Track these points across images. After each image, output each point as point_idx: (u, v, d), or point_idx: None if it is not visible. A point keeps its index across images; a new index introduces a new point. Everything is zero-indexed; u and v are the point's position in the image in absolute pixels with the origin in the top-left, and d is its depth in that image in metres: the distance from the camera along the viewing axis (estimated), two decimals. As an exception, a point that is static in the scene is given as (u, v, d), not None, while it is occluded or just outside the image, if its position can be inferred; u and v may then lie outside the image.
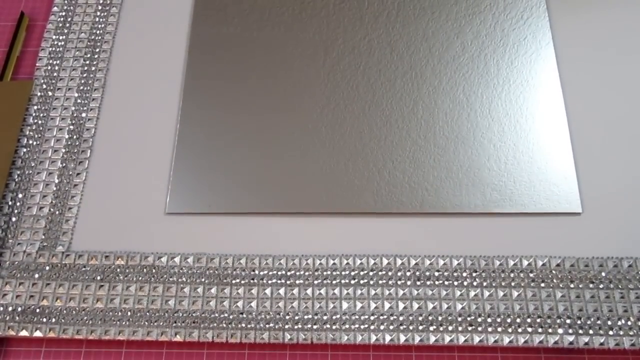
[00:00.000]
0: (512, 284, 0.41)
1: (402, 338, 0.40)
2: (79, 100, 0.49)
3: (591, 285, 0.40)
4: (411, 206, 0.44)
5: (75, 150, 0.47)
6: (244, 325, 0.40)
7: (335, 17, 0.52)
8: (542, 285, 0.40)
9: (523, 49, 0.49)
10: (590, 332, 0.39)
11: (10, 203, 0.45)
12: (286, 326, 0.40)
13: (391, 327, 0.40)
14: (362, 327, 0.40)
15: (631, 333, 0.39)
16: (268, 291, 0.41)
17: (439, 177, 0.45)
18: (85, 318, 0.41)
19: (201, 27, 0.52)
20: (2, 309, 0.41)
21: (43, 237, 0.44)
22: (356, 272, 0.42)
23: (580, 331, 0.39)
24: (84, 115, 0.48)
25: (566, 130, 0.46)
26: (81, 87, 0.49)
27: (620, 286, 0.40)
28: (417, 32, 0.51)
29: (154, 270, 0.42)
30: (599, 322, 0.39)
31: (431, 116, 0.47)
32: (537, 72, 0.48)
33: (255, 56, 0.50)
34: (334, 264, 0.42)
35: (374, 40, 0.50)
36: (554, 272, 0.41)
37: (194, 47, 0.51)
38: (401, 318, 0.40)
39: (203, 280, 0.42)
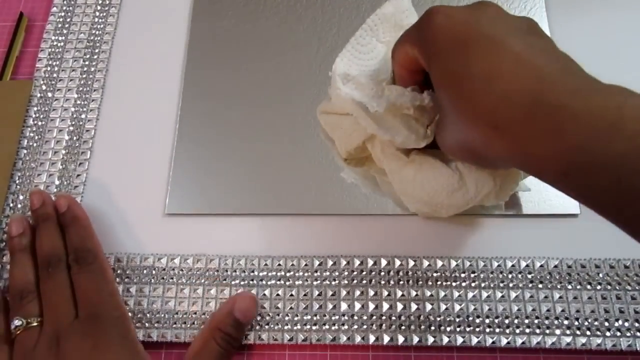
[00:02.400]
0: (510, 285, 0.41)
1: (401, 339, 0.40)
2: (78, 101, 0.49)
3: (589, 287, 0.40)
4: (406, 210, 0.44)
5: (75, 152, 0.47)
6: (243, 326, 0.40)
7: (331, 8, 0.51)
8: (540, 286, 0.41)
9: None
10: (588, 333, 0.39)
11: (11, 205, 0.45)
12: (285, 327, 0.41)
13: (390, 328, 0.40)
14: (361, 327, 0.40)
15: (628, 334, 0.39)
16: (267, 292, 0.42)
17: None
18: (86, 319, 0.41)
19: (200, 28, 0.51)
20: (4, 310, 0.42)
21: (44, 238, 0.44)
22: (355, 272, 0.42)
23: (578, 332, 0.39)
24: (83, 116, 0.48)
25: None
26: (81, 88, 0.49)
27: (617, 288, 0.40)
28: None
29: (153, 272, 0.43)
30: (596, 323, 0.39)
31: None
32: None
33: (251, 58, 0.50)
34: (333, 264, 0.42)
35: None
36: (551, 273, 0.41)
37: (193, 47, 0.51)
38: (400, 319, 0.40)
39: (203, 281, 0.42)
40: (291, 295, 0.42)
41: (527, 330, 0.39)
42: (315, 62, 0.49)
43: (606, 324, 0.39)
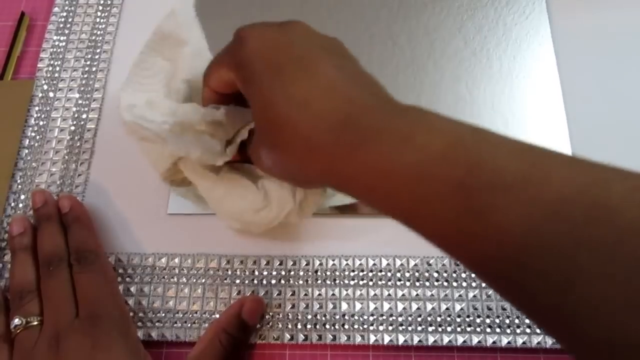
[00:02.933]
0: (511, 284, 0.40)
1: (401, 339, 0.40)
2: (80, 101, 0.49)
3: (590, 286, 0.40)
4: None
5: (77, 152, 0.47)
6: (243, 326, 0.40)
7: (337, 10, 0.51)
8: (542, 286, 0.40)
9: (525, 43, 0.49)
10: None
11: (12, 204, 0.45)
12: (286, 326, 0.41)
13: (390, 328, 0.40)
14: (361, 327, 0.40)
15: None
16: (268, 292, 0.42)
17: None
18: (87, 319, 0.41)
19: (202, 27, 0.51)
20: (5, 310, 0.42)
21: (45, 238, 0.44)
22: (355, 272, 0.42)
23: (580, 332, 0.39)
24: (84, 116, 0.48)
25: (565, 130, 0.45)
26: (82, 88, 0.49)
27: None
28: (419, 27, 0.50)
29: (154, 271, 0.43)
30: (598, 323, 0.39)
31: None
32: (539, 67, 0.47)
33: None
34: (333, 264, 0.42)
35: (376, 34, 0.50)
36: (553, 272, 0.41)
37: (193, 46, 0.50)
38: (400, 319, 0.40)
39: (203, 281, 0.42)
40: (292, 294, 0.41)
41: (528, 330, 0.39)
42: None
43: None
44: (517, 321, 0.39)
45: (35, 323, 0.38)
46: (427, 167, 0.26)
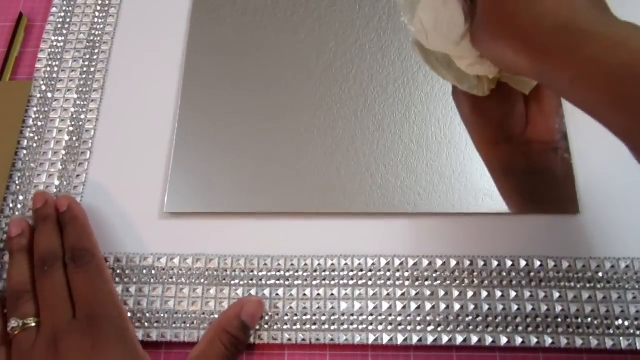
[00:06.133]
0: (510, 284, 0.41)
1: (401, 338, 0.40)
2: (78, 102, 0.49)
3: (588, 286, 0.40)
4: (403, 210, 0.44)
5: (75, 152, 0.47)
6: (243, 326, 0.40)
7: (327, 21, 0.51)
8: (540, 285, 0.41)
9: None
10: (588, 332, 0.39)
11: (11, 205, 0.45)
12: (285, 327, 0.41)
13: (389, 327, 0.40)
14: (360, 327, 0.40)
15: (628, 333, 0.39)
16: (267, 292, 0.42)
17: (431, 182, 0.44)
18: (86, 320, 0.41)
19: (199, 28, 0.52)
20: (3, 310, 0.42)
21: (44, 238, 0.44)
22: (354, 272, 0.42)
23: (578, 331, 0.39)
24: (83, 116, 0.48)
25: (565, 131, 0.45)
26: (80, 89, 0.49)
27: (617, 287, 0.40)
28: (409, 37, 0.50)
29: (153, 272, 0.43)
30: (596, 322, 0.39)
31: (424, 121, 0.46)
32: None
33: (249, 59, 0.50)
34: (332, 264, 0.42)
35: (366, 44, 0.50)
36: (551, 272, 0.41)
37: (192, 48, 0.51)
38: (399, 318, 0.40)
39: (202, 281, 0.42)
40: (290, 295, 0.42)
41: (527, 330, 0.39)
42: (315, 73, 0.49)
43: (606, 323, 0.39)
44: (516, 320, 0.40)
45: (33, 324, 0.38)
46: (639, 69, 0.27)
